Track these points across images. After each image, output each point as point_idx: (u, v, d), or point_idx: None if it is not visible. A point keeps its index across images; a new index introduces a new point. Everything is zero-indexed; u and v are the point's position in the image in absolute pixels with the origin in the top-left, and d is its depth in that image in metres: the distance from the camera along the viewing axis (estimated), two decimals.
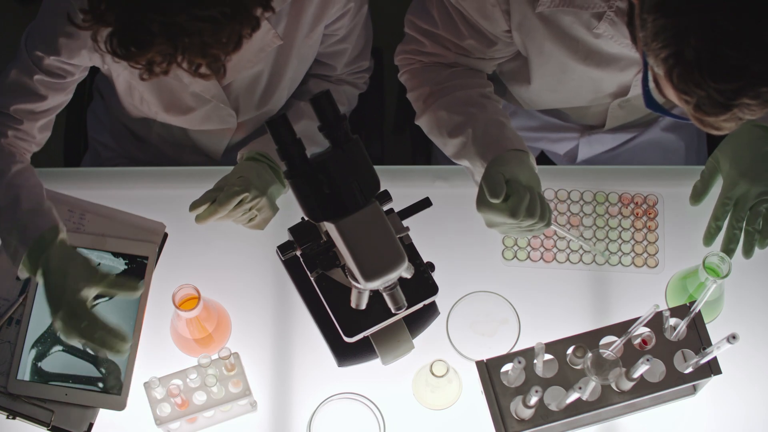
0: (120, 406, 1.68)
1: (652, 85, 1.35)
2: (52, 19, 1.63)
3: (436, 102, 1.73)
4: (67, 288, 1.56)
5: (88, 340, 1.55)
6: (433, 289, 1.57)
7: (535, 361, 1.53)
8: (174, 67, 1.38)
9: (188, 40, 1.33)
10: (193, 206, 1.66)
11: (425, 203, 1.57)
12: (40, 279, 1.60)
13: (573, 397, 1.45)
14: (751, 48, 1.20)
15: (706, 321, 1.59)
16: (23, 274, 1.62)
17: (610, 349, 1.49)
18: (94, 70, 2.12)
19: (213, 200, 1.66)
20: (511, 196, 1.53)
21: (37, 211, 1.63)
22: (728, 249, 1.71)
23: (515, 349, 1.66)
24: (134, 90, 1.80)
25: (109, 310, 1.73)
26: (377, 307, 1.53)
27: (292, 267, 1.65)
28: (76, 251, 1.61)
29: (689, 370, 1.54)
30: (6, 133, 1.69)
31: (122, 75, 1.76)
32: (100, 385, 1.69)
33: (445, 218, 1.80)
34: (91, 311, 1.55)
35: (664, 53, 1.25)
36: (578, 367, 1.54)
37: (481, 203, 1.56)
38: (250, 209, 1.69)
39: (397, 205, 1.54)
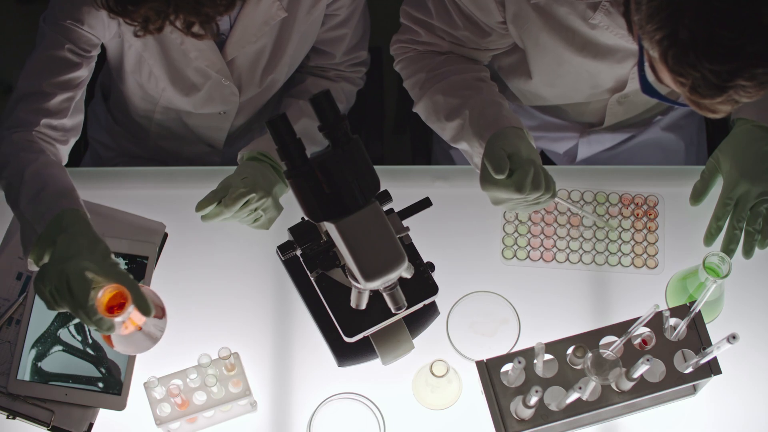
0: (120, 406, 1.68)
1: (649, 72, 1.35)
2: None
3: (432, 87, 1.74)
4: (72, 260, 1.45)
5: (79, 317, 1.45)
6: (433, 289, 1.57)
7: (535, 361, 1.53)
8: (167, 24, 1.43)
9: None
10: (200, 206, 1.67)
11: (425, 203, 1.57)
12: (47, 256, 1.50)
13: (573, 397, 1.45)
14: (746, 28, 1.21)
15: (706, 321, 1.59)
16: (32, 266, 1.55)
17: (610, 349, 1.49)
18: (97, 69, 2.12)
19: (219, 201, 1.66)
20: (515, 170, 1.53)
21: (63, 193, 1.58)
22: (728, 249, 1.71)
23: (515, 349, 1.66)
24: (143, 63, 1.81)
25: None
26: (377, 307, 1.53)
27: (292, 267, 1.65)
28: (101, 239, 1.51)
29: (689, 370, 1.54)
30: (38, 122, 1.67)
31: (134, 46, 1.77)
32: (100, 385, 1.69)
33: (445, 218, 1.80)
34: (90, 297, 1.44)
35: (659, 35, 1.26)
36: (578, 367, 1.54)
37: (486, 181, 1.56)
38: (255, 210, 1.69)
39: (397, 205, 1.54)
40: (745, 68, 1.23)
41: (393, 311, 1.47)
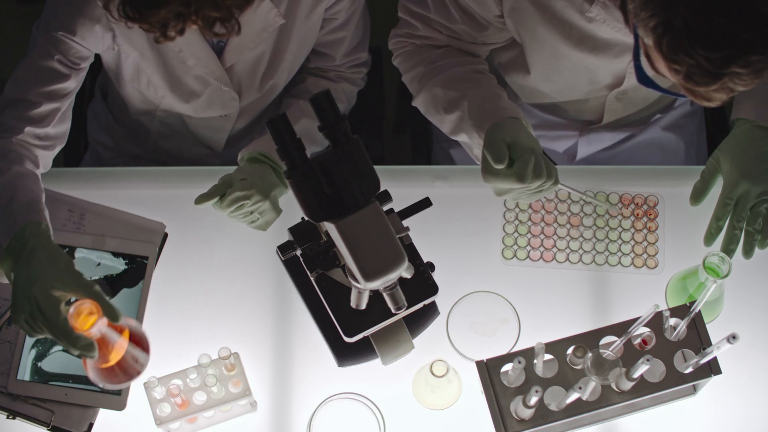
0: (120, 406, 1.68)
1: (645, 63, 1.36)
2: (65, 1, 1.65)
3: (431, 80, 1.75)
4: (37, 282, 1.44)
5: (56, 339, 1.43)
6: (433, 289, 1.57)
7: (535, 361, 1.53)
8: (189, 25, 1.39)
9: None
10: (199, 201, 1.68)
11: (425, 203, 1.57)
12: (12, 275, 1.49)
13: (573, 397, 1.45)
14: (740, 15, 1.21)
15: (706, 321, 1.59)
16: (2, 278, 1.54)
17: (610, 349, 1.49)
18: (96, 70, 2.13)
19: (218, 196, 1.67)
20: (515, 160, 1.53)
21: (29, 206, 1.57)
22: (728, 249, 1.71)
23: (515, 349, 1.66)
24: (142, 73, 1.81)
25: None
26: (377, 307, 1.53)
27: (292, 267, 1.65)
28: (61, 250, 1.51)
29: (689, 370, 1.54)
30: (21, 129, 1.67)
31: (131, 56, 1.77)
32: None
33: (445, 218, 1.80)
34: (62, 314, 1.43)
35: (653, 22, 1.26)
36: (578, 367, 1.54)
37: (487, 172, 1.56)
38: (252, 212, 1.70)
39: (397, 205, 1.54)
40: (739, 55, 1.23)
41: (393, 311, 1.47)
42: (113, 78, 1.89)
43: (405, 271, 1.42)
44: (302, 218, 1.53)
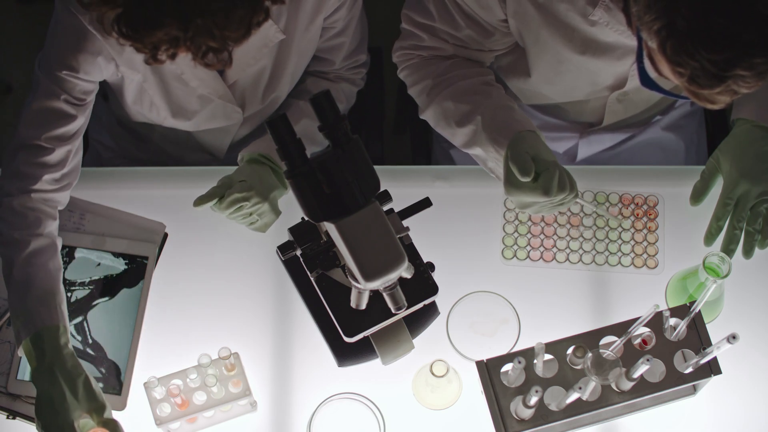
0: (120, 406, 1.68)
1: (649, 66, 1.36)
2: (64, 38, 1.64)
3: (441, 93, 1.74)
4: (61, 412, 1.53)
5: None
6: (433, 289, 1.57)
7: (535, 361, 1.53)
8: (181, 51, 1.37)
9: (200, 21, 1.31)
10: (198, 202, 1.68)
11: (425, 203, 1.57)
12: (32, 381, 1.57)
13: (573, 397, 1.45)
14: (742, 16, 1.22)
15: (706, 321, 1.59)
16: (21, 353, 1.60)
17: (610, 349, 1.49)
18: None
19: (217, 198, 1.66)
20: (540, 174, 1.53)
21: (45, 302, 1.60)
22: (728, 249, 1.71)
23: (515, 349, 1.66)
24: (144, 95, 1.80)
25: (109, 310, 1.73)
26: (377, 307, 1.53)
27: (292, 267, 1.65)
28: (78, 363, 1.58)
29: (689, 370, 1.54)
30: (39, 176, 1.67)
31: (135, 80, 1.76)
32: (100, 385, 1.68)
33: (445, 218, 1.80)
34: None
35: (656, 25, 1.27)
36: (578, 367, 1.54)
37: (512, 185, 1.56)
38: (250, 214, 1.70)
39: (397, 205, 1.54)
40: (742, 57, 1.24)
41: (393, 311, 1.47)
42: (117, 93, 1.89)
43: (405, 271, 1.42)
44: (302, 218, 1.53)
